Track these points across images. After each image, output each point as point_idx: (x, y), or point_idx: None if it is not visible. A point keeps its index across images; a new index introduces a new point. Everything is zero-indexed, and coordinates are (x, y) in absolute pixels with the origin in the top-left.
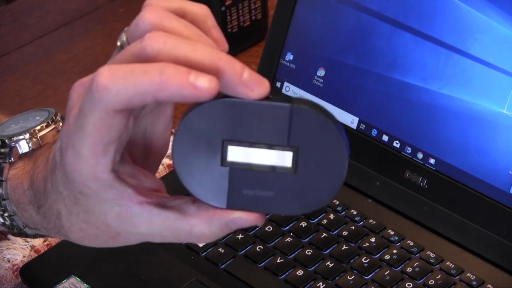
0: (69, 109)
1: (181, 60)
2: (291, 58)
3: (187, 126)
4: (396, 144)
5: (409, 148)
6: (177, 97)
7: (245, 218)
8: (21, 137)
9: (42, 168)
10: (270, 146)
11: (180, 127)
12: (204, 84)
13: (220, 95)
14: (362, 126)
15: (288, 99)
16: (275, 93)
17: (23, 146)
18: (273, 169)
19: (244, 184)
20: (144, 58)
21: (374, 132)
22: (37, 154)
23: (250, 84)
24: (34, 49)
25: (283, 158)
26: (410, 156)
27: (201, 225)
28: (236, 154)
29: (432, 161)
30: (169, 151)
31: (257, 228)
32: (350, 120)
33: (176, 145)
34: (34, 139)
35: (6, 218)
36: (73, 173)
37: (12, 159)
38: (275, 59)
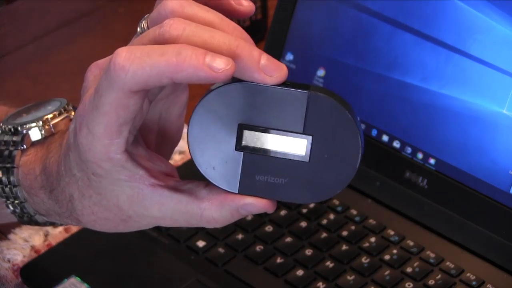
0: (84, 90)
1: (199, 46)
2: (291, 58)
3: (205, 107)
4: (396, 144)
5: (409, 148)
6: (194, 78)
7: (256, 204)
8: (33, 124)
9: (55, 153)
10: (286, 133)
11: (198, 108)
12: (221, 65)
13: (238, 80)
14: (362, 126)
15: (306, 86)
16: (294, 81)
17: (35, 134)
18: (287, 156)
19: (257, 169)
20: (162, 43)
21: (374, 132)
22: (50, 141)
23: (268, 70)
24: (34, 49)
25: (297, 146)
26: (410, 156)
27: (212, 209)
28: (251, 138)
29: (432, 161)
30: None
31: (257, 228)
32: None
33: (192, 126)
34: (46, 127)
35: (17, 206)
36: (86, 153)
37: (24, 146)
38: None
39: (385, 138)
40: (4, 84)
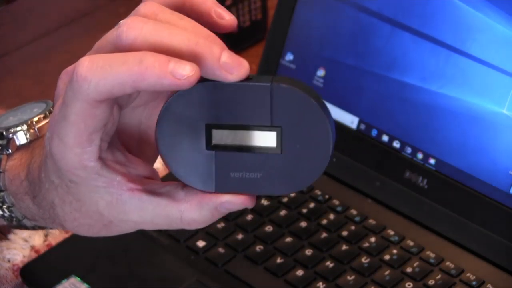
0: (56, 98)
1: (158, 46)
2: (291, 58)
3: (169, 112)
4: (396, 144)
5: (409, 148)
6: (158, 86)
7: (234, 201)
8: (18, 128)
9: (37, 158)
10: (254, 127)
11: (162, 114)
12: (184, 72)
13: (201, 79)
14: (362, 126)
15: (268, 78)
16: (257, 75)
17: (21, 138)
18: (258, 150)
19: (231, 166)
20: (120, 46)
21: (374, 132)
22: (34, 145)
23: (229, 67)
24: (34, 49)
25: (267, 139)
26: (410, 156)
27: (191, 211)
28: (221, 137)
29: (432, 161)
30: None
31: (257, 228)
32: (350, 120)
33: (160, 132)
34: (31, 130)
35: (5, 210)
36: (60, 161)
37: (10, 150)
38: (275, 59)
39: (385, 138)
40: (4, 84)
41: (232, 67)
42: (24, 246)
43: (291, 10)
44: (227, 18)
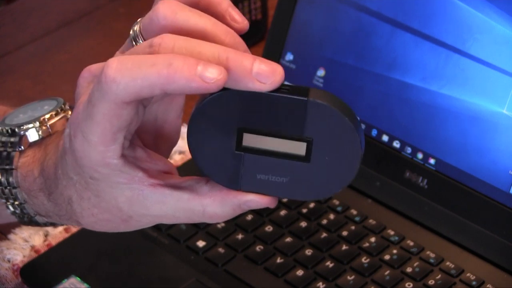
0: (77, 96)
1: None
2: (291, 58)
3: (203, 111)
4: (396, 144)
5: (409, 148)
6: (186, 89)
7: (258, 200)
8: (30, 125)
9: (52, 155)
10: (285, 136)
11: (197, 112)
12: (213, 75)
13: None
14: (362, 126)
15: (305, 91)
16: (293, 85)
17: (33, 135)
18: (287, 156)
19: (258, 169)
20: None
21: (374, 132)
22: (47, 141)
23: (262, 77)
24: (34, 49)
25: (297, 147)
26: (410, 156)
27: (214, 205)
28: (251, 140)
29: (432, 161)
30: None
31: (257, 228)
32: None
33: (192, 128)
34: (43, 128)
35: (17, 207)
36: (82, 159)
37: (22, 147)
38: (275, 59)
39: (385, 138)
40: (4, 84)
41: (265, 76)
42: (24, 246)
43: (291, 10)
44: (240, 21)
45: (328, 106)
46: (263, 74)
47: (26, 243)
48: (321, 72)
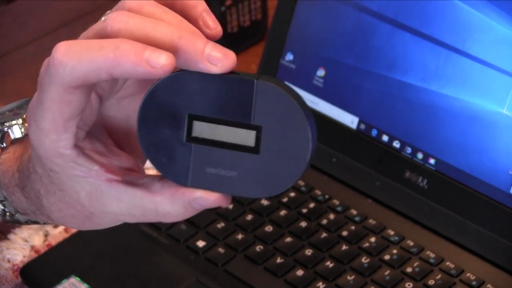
0: (38, 86)
1: (142, 39)
2: (291, 58)
3: (152, 98)
4: (396, 144)
5: (409, 148)
6: (132, 73)
7: (207, 198)
8: (13, 122)
9: (29, 150)
10: (234, 124)
11: (145, 100)
12: (160, 61)
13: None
14: (362, 126)
15: (254, 75)
16: (243, 72)
17: (16, 132)
18: (236, 147)
19: (208, 162)
20: (104, 37)
21: (374, 132)
22: (28, 138)
23: (213, 58)
24: (34, 49)
25: (246, 137)
26: (410, 156)
27: (165, 203)
28: (201, 129)
29: (432, 161)
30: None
31: (257, 228)
32: (350, 120)
33: (141, 118)
34: (26, 124)
35: None
36: (37, 148)
37: (4, 144)
38: (275, 59)
39: (385, 138)
40: (4, 84)
41: (217, 58)
42: (24, 246)
43: (291, 10)
44: (212, 27)
45: (277, 88)
46: (214, 56)
47: (26, 243)
48: (321, 72)
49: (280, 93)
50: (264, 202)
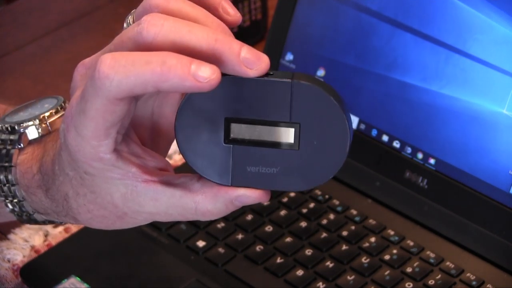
0: (72, 91)
1: (178, 43)
2: (291, 58)
3: (189, 104)
4: (396, 144)
5: (409, 148)
6: (180, 88)
7: (250, 195)
8: (30, 123)
9: (50, 152)
10: (272, 123)
11: (182, 106)
12: (206, 74)
13: (221, 73)
14: (362, 126)
15: (289, 74)
16: (277, 70)
17: (32, 132)
18: (275, 145)
19: (248, 161)
20: (141, 43)
21: (374, 132)
22: (46, 139)
23: (249, 62)
24: (34, 49)
25: (285, 134)
26: (410, 156)
27: (206, 202)
28: (239, 131)
29: (432, 161)
30: None
31: (257, 228)
32: None
33: (179, 123)
34: (43, 125)
35: (15, 204)
36: (76, 153)
37: (22, 145)
38: (275, 59)
39: (385, 138)
40: (4, 84)
41: (252, 62)
42: (24, 246)
43: (291, 10)
44: (232, 14)
45: (313, 85)
46: (250, 59)
47: (26, 243)
48: (321, 72)
49: (316, 90)
50: (264, 202)
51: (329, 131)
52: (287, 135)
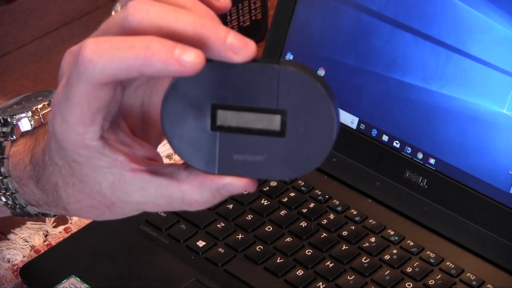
0: (60, 78)
1: (164, 28)
2: (291, 58)
3: (175, 91)
4: (396, 144)
5: (409, 148)
6: (163, 72)
7: (236, 183)
8: (23, 115)
9: (41, 142)
10: (259, 109)
11: (168, 93)
12: (190, 59)
13: (208, 59)
14: (362, 126)
15: (276, 61)
16: (263, 57)
17: (25, 124)
18: (262, 132)
19: (234, 148)
20: (127, 28)
21: (374, 132)
22: (38, 131)
23: (235, 48)
24: (34, 49)
25: (271, 121)
26: (410, 156)
27: (192, 191)
28: (226, 118)
29: (432, 161)
30: None
31: (257, 228)
32: (350, 120)
33: (165, 110)
34: (36, 117)
35: (8, 197)
36: (63, 141)
37: (14, 137)
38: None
39: (385, 138)
40: (4, 84)
41: (238, 48)
42: (24, 246)
43: (291, 10)
44: (222, 0)
45: (299, 72)
46: (236, 45)
47: (26, 243)
48: (321, 72)
49: (302, 77)
50: (264, 202)
51: (315, 118)
52: (273, 122)
